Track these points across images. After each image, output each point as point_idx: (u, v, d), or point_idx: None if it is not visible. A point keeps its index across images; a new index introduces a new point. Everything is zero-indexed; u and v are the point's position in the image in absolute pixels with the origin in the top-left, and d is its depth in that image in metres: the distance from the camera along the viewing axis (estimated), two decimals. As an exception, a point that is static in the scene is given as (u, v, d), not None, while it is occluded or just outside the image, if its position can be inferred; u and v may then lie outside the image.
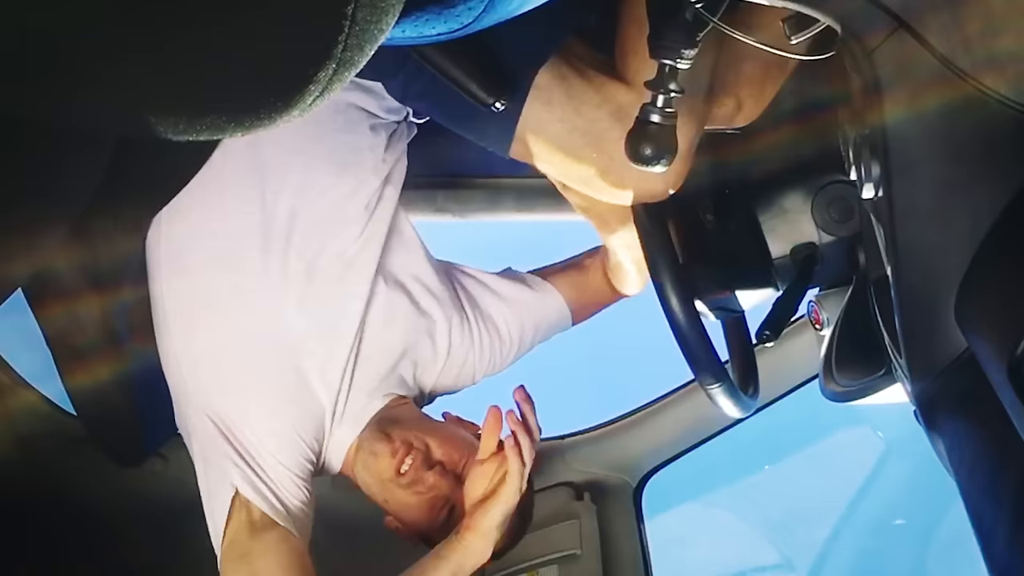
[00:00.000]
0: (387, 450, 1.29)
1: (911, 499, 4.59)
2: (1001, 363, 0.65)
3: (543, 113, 1.05)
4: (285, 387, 1.27)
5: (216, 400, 1.24)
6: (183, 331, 1.27)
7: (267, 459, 1.23)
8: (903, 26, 0.69)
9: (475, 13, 0.54)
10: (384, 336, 1.34)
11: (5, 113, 0.47)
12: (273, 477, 1.22)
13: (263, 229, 1.25)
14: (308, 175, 1.26)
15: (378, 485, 1.29)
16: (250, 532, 1.18)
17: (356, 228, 1.31)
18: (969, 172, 0.74)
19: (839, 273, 1.29)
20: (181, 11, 0.41)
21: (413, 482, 1.27)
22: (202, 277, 1.26)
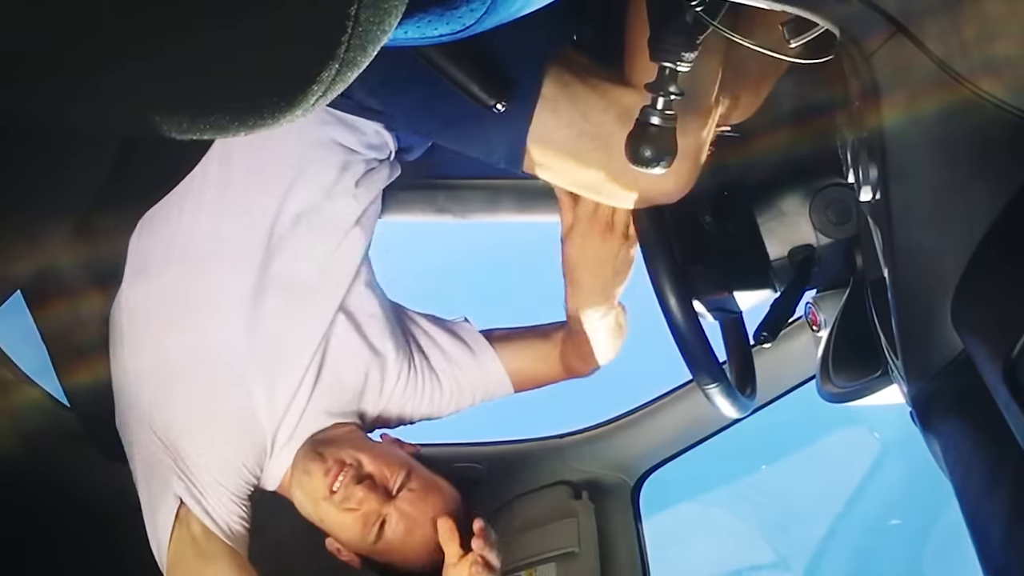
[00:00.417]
0: (320, 469, 1.29)
1: (907, 499, 4.59)
2: (997, 365, 0.65)
3: (551, 120, 1.04)
4: (231, 410, 1.27)
5: (161, 414, 1.25)
6: (136, 341, 1.27)
7: (206, 477, 1.24)
8: (901, 30, 0.69)
9: (477, 15, 0.54)
10: (336, 369, 1.34)
11: (8, 113, 0.47)
12: (212, 495, 1.24)
13: (227, 252, 1.25)
14: (276, 203, 1.27)
15: (312, 505, 1.29)
16: (194, 546, 1.20)
17: (318, 265, 1.31)
18: (966, 176, 0.74)
19: (837, 275, 1.29)
20: (185, 12, 0.41)
21: (344, 499, 1.27)
22: (163, 290, 1.26)
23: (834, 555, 4.72)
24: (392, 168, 1.39)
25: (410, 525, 1.28)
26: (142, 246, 1.28)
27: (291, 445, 1.31)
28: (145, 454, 1.25)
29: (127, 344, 1.28)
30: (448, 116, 1.09)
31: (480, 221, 1.92)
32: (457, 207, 1.88)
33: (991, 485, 0.77)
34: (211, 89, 0.45)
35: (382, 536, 1.27)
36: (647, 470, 1.84)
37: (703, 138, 1.05)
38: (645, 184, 1.06)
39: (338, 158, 1.28)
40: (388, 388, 1.40)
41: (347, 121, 1.24)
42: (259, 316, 1.27)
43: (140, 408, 1.26)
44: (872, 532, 4.76)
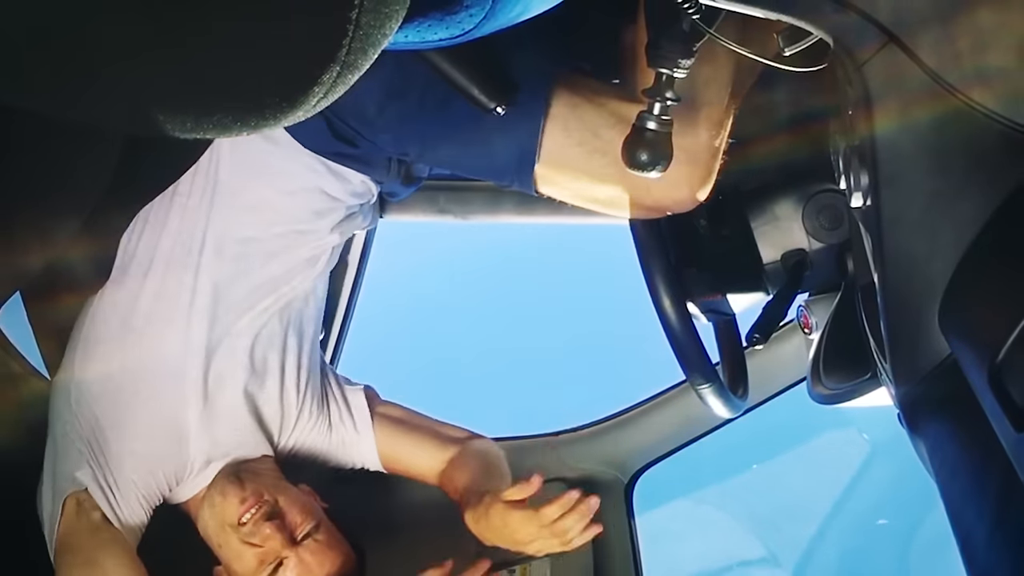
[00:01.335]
0: (236, 496, 1.28)
1: (895, 500, 4.60)
2: (982, 370, 0.65)
3: (561, 139, 1.04)
4: (167, 419, 1.27)
5: (96, 401, 1.25)
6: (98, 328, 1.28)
7: (123, 474, 1.24)
8: (893, 40, 0.69)
9: (476, 20, 0.54)
10: (264, 400, 1.36)
11: (19, 110, 0.47)
12: (123, 489, 1.23)
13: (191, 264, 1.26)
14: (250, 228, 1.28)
15: (217, 528, 1.29)
16: (91, 531, 1.19)
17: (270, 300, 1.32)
18: (955, 184, 0.74)
19: (828, 279, 1.29)
20: (190, 12, 0.41)
21: (250, 533, 1.26)
22: (133, 289, 1.27)
23: (823, 553, 4.72)
24: (372, 213, 1.44)
25: (309, 569, 1.27)
26: (131, 244, 1.28)
27: (211, 468, 1.31)
28: (68, 432, 1.25)
29: (88, 326, 1.28)
30: (458, 145, 1.09)
31: (481, 222, 1.92)
32: (458, 208, 1.88)
33: (975, 487, 0.77)
34: (215, 89, 0.45)
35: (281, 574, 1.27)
36: (640, 468, 1.84)
37: (716, 146, 1.03)
38: (660, 195, 1.05)
39: (317, 205, 1.29)
40: (300, 427, 1.41)
41: (337, 172, 1.25)
42: (211, 343, 1.28)
43: (79, 390, 1.26)
44: (860, 531, 4.77)
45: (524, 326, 6.81)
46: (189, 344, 1.27)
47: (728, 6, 0.71)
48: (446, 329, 6.53)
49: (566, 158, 1.05)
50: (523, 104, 1.01)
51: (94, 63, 0.42)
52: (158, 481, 1.27)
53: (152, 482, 1.27)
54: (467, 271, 6.37)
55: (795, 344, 1.66)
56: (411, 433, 1.48)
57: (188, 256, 1.25)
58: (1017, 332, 0.61)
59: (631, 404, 1.85)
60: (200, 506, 1.31)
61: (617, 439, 1.83)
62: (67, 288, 1.32)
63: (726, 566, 5.04)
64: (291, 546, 1.27)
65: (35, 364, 1.49)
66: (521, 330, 6.70)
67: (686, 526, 5.02)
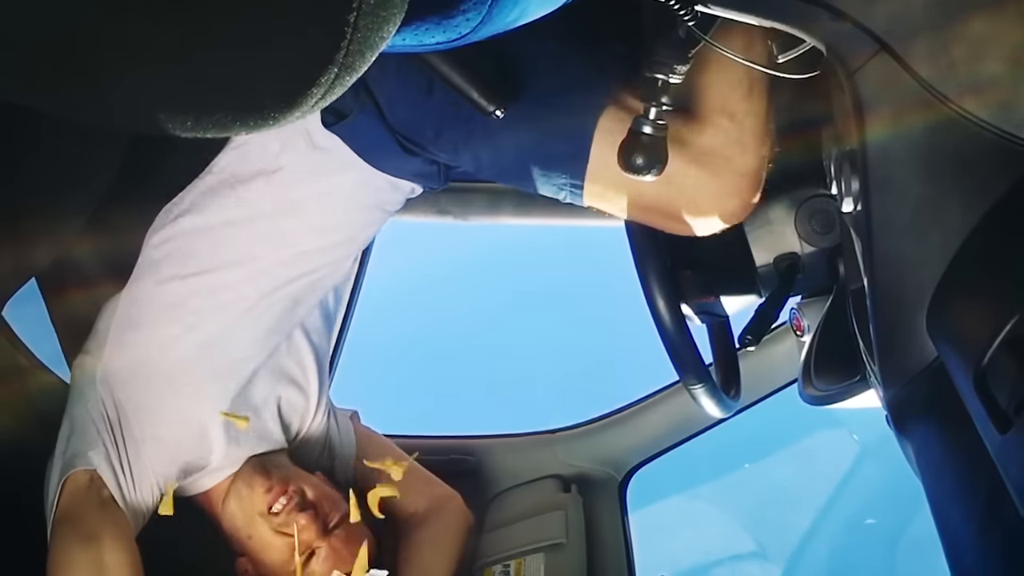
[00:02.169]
0: (263, 485, 1.28)
1: (883, 499, 4.60)
2: (968, 373, 0.65)
3: (609, 154, 1.00)
4: (195, 412, 1.26)
5: (124, 388, 1.23)
6: (132, 320, 1.25)
7: (140, 459, 1.22)
8: (885, 49, 0.69)
9: (473, 24, 0.54)
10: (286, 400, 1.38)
11: (25, 108, 0.47)
12: (136, 474, 1.22)
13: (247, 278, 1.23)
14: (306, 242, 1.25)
15: (246, 518, 1.28)
16: (97, 507, 1.16)
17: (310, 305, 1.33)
18: (945, 190, 0.74)
19: (820, 283, 1.29)
20: (192, 14, 0.41)
21: (284, 523, 1.26)
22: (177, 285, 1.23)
23: (812, 550, 4.72)
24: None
25: (336, 563, 1.27)
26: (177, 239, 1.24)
27: (231, 463, 1.31)
28: (79, 411, 1.22)
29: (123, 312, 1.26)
30: (512, 165, 1.08)
31: (480, 223, 1.92)
32: (458, 209, 1.88)
33: (961, 488, 0.77)
34: (215, 89, 0.45)
35: (306, 568, 1.26)
36: (634, 466, 1.84)
37: (762, 157, 1.01)
38: (710, 208, 1.02)
39: (375, 220, 1.28)
40: (308, 426, 1.43)
41: (396, 184, 1.21)
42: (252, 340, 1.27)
43: (104, 371, 1.23)
44: (849, 530, 4.77)
45: (523, 325, 6.83)
46: (230, 343, 1.25)
47: (724, 13, 0.71)
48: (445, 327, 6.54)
49: (614, 172, 1.03)
50: (574, 118, 1.00)
51: (95, 63, 0.42)
52: (177, 469, 1.26)
53: (171, 470, 1.25)
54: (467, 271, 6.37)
55: (787, 346, 1.66)
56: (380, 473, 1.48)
57: (243, 262, 1.23)
58: (1002, 337, 0.61)
59: (626, 403, 1.85)
60: (225, 499, 1.30)
61: (612, 437, 1.83)
62: (84, 283, 1.31)
63: (717, 560, 5.04)
64: (323, 536, 1.27)
65: (41, 357, 1.49)
66: (520, 329, 6.71)
67: (679, 522, 5.02)
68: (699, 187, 1.00)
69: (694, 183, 0.99)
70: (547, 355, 6.50)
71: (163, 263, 1.24)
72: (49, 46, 0.40)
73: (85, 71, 0.42)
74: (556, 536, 1.54)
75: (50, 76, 0.43)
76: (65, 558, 1.12)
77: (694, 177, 0.99)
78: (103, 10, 0.39)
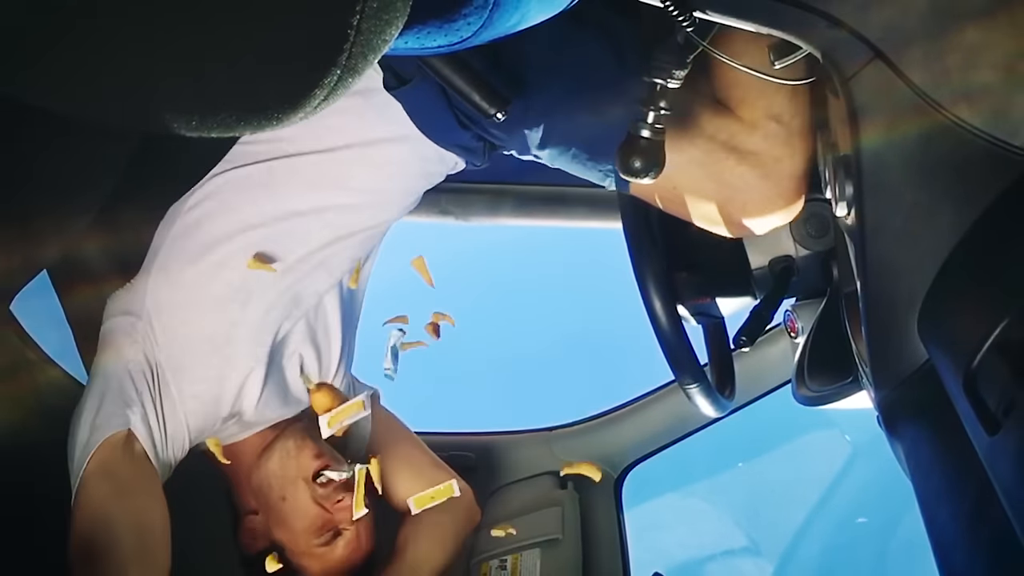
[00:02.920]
0: (314, 450, 1.26)
1: (874, 499, 4.60)
2: (958, 376, 0.65)
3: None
4: (230, 376, 1.24)
5: (163, 351, 1.20)
6: (175, 274, 1.22)
7: (176, 416, 1.19)
8: (880, 56, 0.68)
9: (474, 28, 0.54)
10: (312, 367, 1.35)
11: (31, 105, 0.47)
12: (171, 431, 1.19)
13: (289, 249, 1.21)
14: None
15: (286, 479, 1.26)
16: (131, 462, 1.13)
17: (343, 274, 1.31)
18: (937, 196, 0.74)
19: (814, 285, 1.29)
20: (197, 15, 0.41)
21: (327, 495, 1.25)
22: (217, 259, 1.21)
23: (805, 547, 4.72)
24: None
25: (356, 548, 1.27)
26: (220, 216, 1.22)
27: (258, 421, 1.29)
28: (114, 370, 1.19)
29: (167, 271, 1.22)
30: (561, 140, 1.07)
31: (481, 224, 1.92)
32: (459, 210, 1.87)
33: (949, 488, 0.77)
34: (220, 90, 0.45)
35: (330, 544, 1.26)
36: (630, 464, 1.84)
37: (808, 159, 1.01)
38: (757, 209, 1.03)
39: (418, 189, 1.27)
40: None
41: (443, 157, 1.20)
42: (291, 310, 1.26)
43: (144, 333, 1.20)
44: (841, 528, 4.77)
45: (521, 325, 6.82)
46: (268, 302, 1.23)
47: (722, 20, 0.71)
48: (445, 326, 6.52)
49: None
50: (623, 104, 0.98)
51: (101, 63, 0.42)
52: (210, 424, 1.24)
53: (205, 426, 1.24)
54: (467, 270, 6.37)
55: (781, 347, 1.66)
56: (397, 456, 1.47)
57: (285, 218, 1.20)
58: (991, 341, 0.61)
59: (622, 402, 1.85)
60: (264, 454, 1.28)
61: (608, 435, 1.83)
62: (92, 278, 1.30)
63: (711, 556, 5.04)
64: (354, 521, 1.26)
65: (49, 352, 1.49)
66: (518, 329, 6.72)
67: (673, 519, 5.03)
68: (749, 188, 1.00)
69: (744, 184, 1.00)
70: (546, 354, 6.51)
71: (204, 221, 1.21)
72: (55, 45, 0.40)
73: (91, 71, 0.42)
74: (552, 532, 1.54)
75: (57, 76, 0.42)
76: (97, 512, 1.08)
77: (745, 178, 1.00)
78: (109, 10, 0.39)
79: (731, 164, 0.99)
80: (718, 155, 1.00)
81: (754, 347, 1.19)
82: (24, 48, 0.40)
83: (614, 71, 1.03)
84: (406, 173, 1.22)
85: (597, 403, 1.88)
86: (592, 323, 6.57)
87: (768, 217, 1.04)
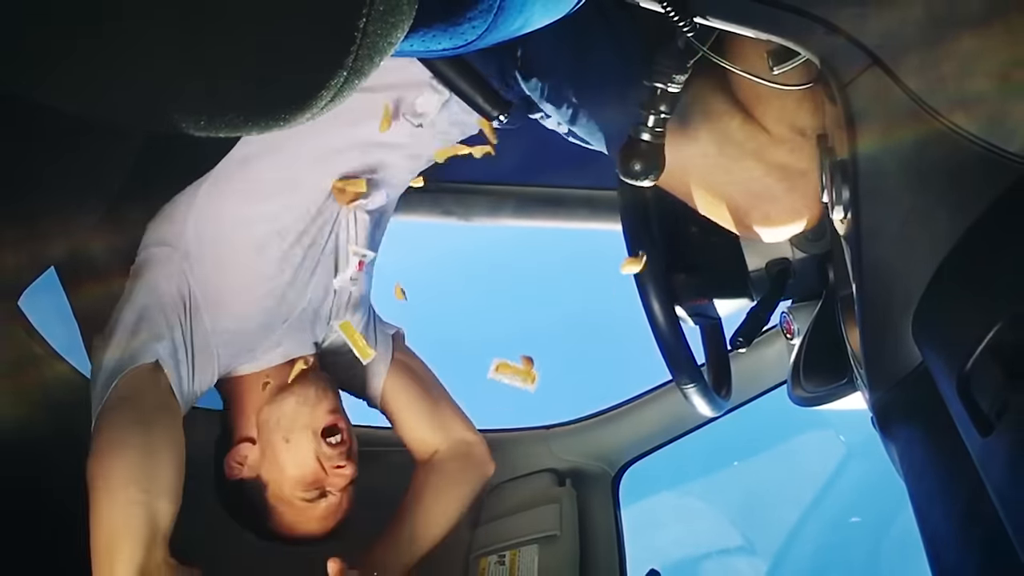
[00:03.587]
0: (332, 404, 1.26)
1: (868, 498, 4.59)
2: (951, 378, 0.65)
3: (689, 147, 1.02)
4: (261, 311, 1.24)
5: (199, 285, 1.19)
6: (219, 209, 1.22)
7: (208, 350, 1.19)
8: (877, 63, 0.69)
9: (479, 31, 0.54)
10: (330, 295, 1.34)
11: (40, 105, 0.47)
12: (199, 366, 1.18)
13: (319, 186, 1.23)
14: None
15: (295, 424, 1.24)
16: (156, 394, 1.12)
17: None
18: (932, 202, 0.74)
19: (810, 288, 1.29)
20: (206, 17, 0.41)
21: (331, 456, 1.24)
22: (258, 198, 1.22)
23: (799, 546, 4.72)
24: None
25: (334, 514, 1.27)
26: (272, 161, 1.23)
27: (277, 355, 1.29)
28: (145, 303, 1.17)
29: (208, 204, 1.22)
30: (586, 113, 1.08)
31: (482, 224, 1.92)
32: (461, 210, 1.88)
33: (942, 489, 0.77)
34: (228, 91, 0.45)
35: (313, 502, 1.25)
36: (627, 462, 1.84)
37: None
38: (780, 220, 1.04)
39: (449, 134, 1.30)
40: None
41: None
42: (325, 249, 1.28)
43: (180, 269, 1.19)
44: (834, 527, 4.77)
45: (522, 325, 6.83)
46: (299, 228, 1.24)
47: (722, 26, 0.71)
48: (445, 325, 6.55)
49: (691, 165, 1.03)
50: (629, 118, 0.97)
51: (112, 63, 0.42)
52: (239, 358, 1.25)
53: (234, 359, 1.24)
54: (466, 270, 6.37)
55: (777, 349, 1.66)
56: (414, 398, 1.45)
57: (324, 154, 1.22)
58: (984, 344, 0.61)
59: (620, 401, 1.85)
60: (283, 392, 1.27)
61: (606, 434, 1.83)
62: (102, 275, 1.30)
63: (706, 554, 5.04)
64: (343, 489, 1.26)
65: (56, 347, 1.49)
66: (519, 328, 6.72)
67: (669, 517, 5.02)
68: (774, 200, 1.02)
69: (770, 195, 1.01)
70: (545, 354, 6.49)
71: (252, 159, 1.22)
72: (68, 46, 0.40)
73: (102, 72, 0.42)
74: (550, 528, 1.54)
75: (68, 76, 0.43)
76: (116, 437, 1.07)
77: (772, 190, 1.01)
78: (118, 10, 0.39)
79: (758, 175, 1.00)
80: (746, 163, 1.01)
81: (751, 348, 1.19)
82: (42, 48, 0.41)
83: (617, 74, 1.03)
84: (443, 118, 1.24)
85: (595, 401, 1.88)
86: (592, 323, 6.57)
87: (786, 228, 1.06)
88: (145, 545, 1.01)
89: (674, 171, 1.03)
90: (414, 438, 1.44)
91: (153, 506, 1.03)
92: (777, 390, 1.72)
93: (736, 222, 1.06)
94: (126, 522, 1.01)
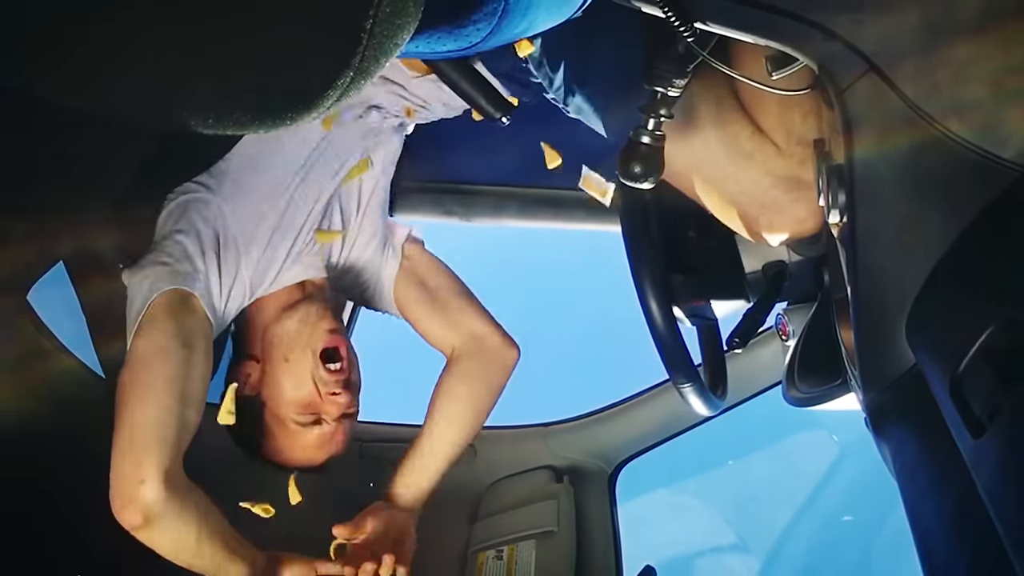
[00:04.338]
0: (331, 324, 1.25)
1: (860, 498, 4.59)
2: (944, 380, 0.65)
3: (700, 154, 1.03)
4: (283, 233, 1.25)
5: (235, 220, 1.22)
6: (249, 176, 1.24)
7: (241, 277, 1.21)
8: (873, 69, 0.69)
9: (483, 34, 0.54)
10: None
11: (48, 102, 0.47)
12: (233, 292, 1.20)
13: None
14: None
15: (296, 343, 1.24)
16: (195, 317, 1.13)
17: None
18: (927, 206, 0.74)
19: (806, 290, 1.29)
20: (214, 17, 0.41)
21: (325, 381, 1.23)
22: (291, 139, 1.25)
23: (792, 544, 4.72)
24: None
25: (325, 444, 1.25)
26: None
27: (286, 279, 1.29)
28: (187, 239, 1.19)
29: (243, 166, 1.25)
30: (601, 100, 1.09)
31: (484, 224, 1.92)
32: (463, 210, 1.87)
33: (934, 489, 0.77)
34: (237, 90, 0.45)
35: (306, 427, 1.24)
36: (624, 459, 1.84)
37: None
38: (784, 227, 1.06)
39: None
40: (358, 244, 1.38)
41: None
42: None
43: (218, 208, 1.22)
44: (827, 526, 4.77)
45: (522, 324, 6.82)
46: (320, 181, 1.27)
47: (721, 31, 0.71)
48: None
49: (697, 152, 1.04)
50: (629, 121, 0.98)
51: (122, 62, 0.42)
52: (264, 284, 1.25)
53: (260, 286, 1.24)
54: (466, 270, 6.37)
55: (772, 350, 1.66)
56: (423, 301, 1.43)
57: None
58: (977, 347, 0.61)
59: (617, 400, 1.85)
60: (287, 311, 1.27)
61: (603, 432, 1.83)
62: (110, 270, 1.30)
63: (700, 552, 5.03)
64: (339, 419, 1.25)
65: (64, 341, 1.49)
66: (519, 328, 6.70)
67: (664, 514, 5.02)
68: (780, 210, 1.04)
69: (776, 206, 1.03)
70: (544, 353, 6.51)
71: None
72: (79, 45, 0.40)
73: (112, 71, 0.42)
74: (548, 524, 1.54)
75: (79, 74, 0.42)
76: (156, 345, 1.09)
77: (779, 201, 1.03)
78: (128, 9, 0.39)
79: (766, 186, 1.02)
80: (755, 175, 1.03)
81: (746, 349, 1.19)
82: (52, 43, 0.41)
83: (618, 77, 1.03)
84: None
85: (593, 400, 1.88)
86: (591, 323, 6.57)
87: (790, 234, 1.08)
88: (172, 449, 1.04)
89: (685, 173, 1.04)
90: (432, 340, 1.42)
91: (185, 415, 1.06)
92: (772, 390, 1.71)
93: (744, 226, 1.09)
94: (160, 425, 1.04)
